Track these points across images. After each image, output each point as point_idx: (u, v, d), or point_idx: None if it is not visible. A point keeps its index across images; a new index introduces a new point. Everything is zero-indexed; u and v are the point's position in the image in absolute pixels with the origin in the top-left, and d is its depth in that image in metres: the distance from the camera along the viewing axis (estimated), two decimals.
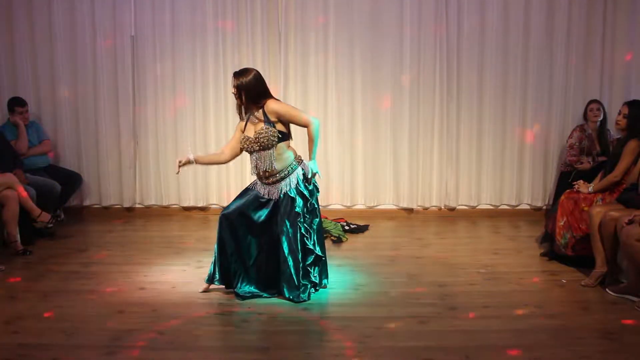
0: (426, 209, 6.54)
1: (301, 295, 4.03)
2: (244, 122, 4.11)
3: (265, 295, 4.12)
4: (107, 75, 6.36)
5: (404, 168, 6.44)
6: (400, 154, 6.43)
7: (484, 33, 6.23)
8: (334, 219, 6.10)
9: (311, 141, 4.10)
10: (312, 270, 4.17)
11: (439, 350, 3.33)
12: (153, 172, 6.55)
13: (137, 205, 6.63)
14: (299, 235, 4.07)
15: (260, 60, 6.31)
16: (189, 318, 3.82)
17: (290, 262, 4.04)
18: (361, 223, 6.08)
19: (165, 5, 6.27)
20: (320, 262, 4.24)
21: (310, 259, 4.14)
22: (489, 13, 6.21)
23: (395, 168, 6.46)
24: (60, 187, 5.77)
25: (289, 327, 3.68)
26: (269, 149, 4.00)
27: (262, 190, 4.14)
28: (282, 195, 4.08)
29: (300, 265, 4.07)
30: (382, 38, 6.28)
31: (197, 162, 4.17)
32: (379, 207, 6.56)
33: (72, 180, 6.14)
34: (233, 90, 4.06)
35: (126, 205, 6.58)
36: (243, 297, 4.07)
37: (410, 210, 6.54)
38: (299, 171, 4.13)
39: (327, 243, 5.49)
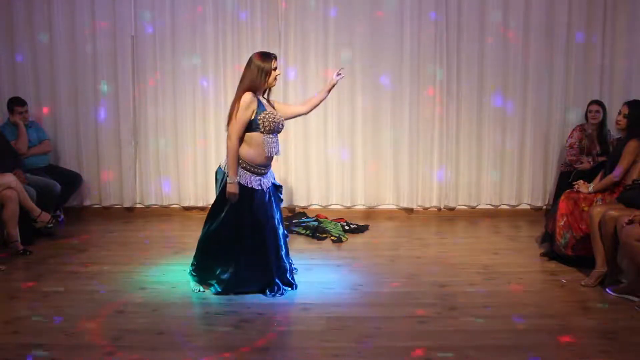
0: (426, 209, 6.54)
1: (294, 283, 4.24)
2: (261, 102, 4.01)
3: (247, 290, 4.12)
4: (107, 75, 6.36)
5: (404, 168, 6.44)
6: (400, 154, 6.43)
7: (484, 33, 6.24)
8: (334, 219, 6.11)
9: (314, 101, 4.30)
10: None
11: (439, 350, 3.33)
12: (153, 172, 6.55)
13: (137, 205, 6.63)
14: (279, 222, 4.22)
15: None
16: (189, 318, 3.82)
17: (284, 252, 4.18)
18: (361, 223, 6.08)
19: (165, 5, 6.27)
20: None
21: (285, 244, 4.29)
22: (489, 13, 6.21)
23: (395, 168, 6.46)
24: (60, 187, 5.78)
25: (289, 327, 3.69)
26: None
27: (255, 183, 4.01)
28: (270, 186, 4.12)
29: (285, 252, 4.24)
30: (382, 37, 6.28)
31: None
32: (379, 207, 6.56)
33: (72, 180, 6.14)
34: (279, 73, 4.10)
35: (126, 205, 6.59)
36: (226, 293, 4.10)
37: (410, 210, 6.54)
38: None
39: (327, 243, 5.52)
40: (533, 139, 6.39)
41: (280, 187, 4.31)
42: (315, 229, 5.76)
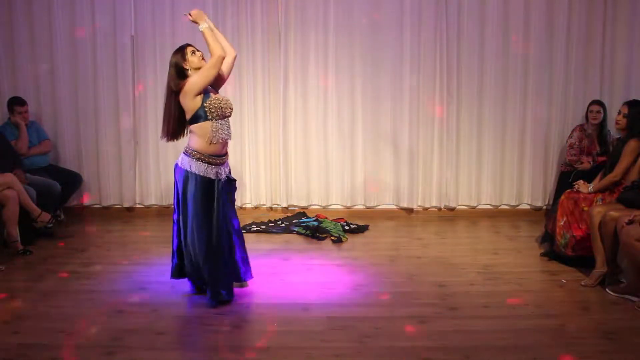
0: (426, 209, 6.54)
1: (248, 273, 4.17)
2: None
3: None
4: (107, 75, 6.36)
5: (404, 168, 6.43)
6: (400, 154, 6.43)
7: (484, 33, 6.23)
8: (334, 219, 6.11)
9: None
10: None
11: (439, 350, 3.34)
12: (153, 172, 6.55)
13: (137, 205, 6.63)
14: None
15: (260, 60, 6.31)
16: (189, 318, 3.82)
17: (240, 245, 4.12)
18: (361, 223, 6.08)
19: (165, 5, 6.27)
20: None
21: None
22: (489, 13, 6.21)
23: (395, 168, 6.46)
24: (60, 187, 5.78)
25: (289, 327, 3.68)
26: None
27: (210, 172, 3.90)
28: (225, 177, 4.00)
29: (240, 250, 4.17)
30: (382, 38, 6.27)
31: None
32: (379, 207, 6.56)
33: (72, 180, 6.14)
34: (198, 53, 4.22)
35: (126, 205, 6.59)
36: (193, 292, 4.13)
37: (410, 210, 6.54)
38: None
39: (327, 243, 5.52)
40: (533, 139, 6.39)
41: (234, 180, 4.16)
42: (315, 229, 5.76)
